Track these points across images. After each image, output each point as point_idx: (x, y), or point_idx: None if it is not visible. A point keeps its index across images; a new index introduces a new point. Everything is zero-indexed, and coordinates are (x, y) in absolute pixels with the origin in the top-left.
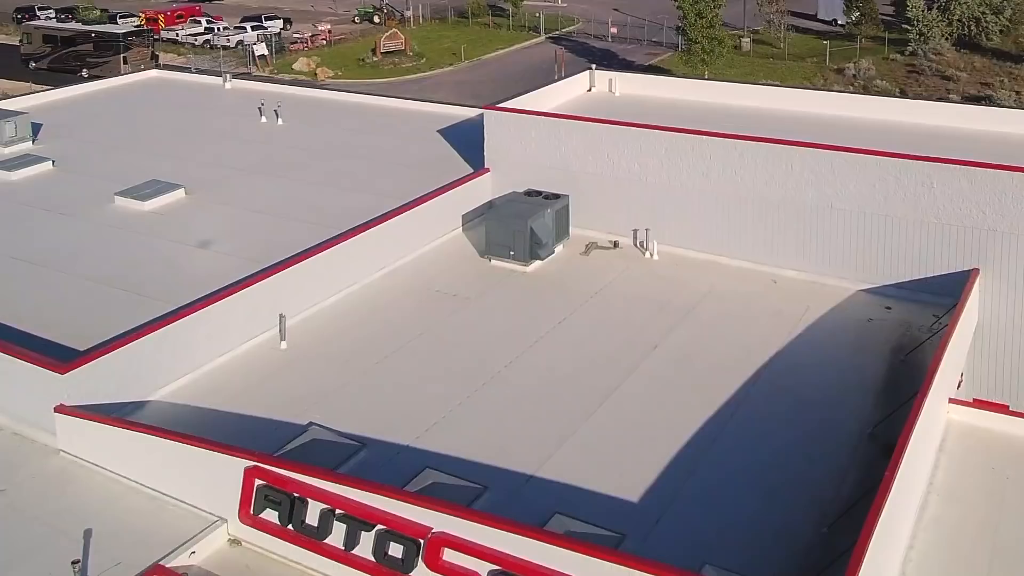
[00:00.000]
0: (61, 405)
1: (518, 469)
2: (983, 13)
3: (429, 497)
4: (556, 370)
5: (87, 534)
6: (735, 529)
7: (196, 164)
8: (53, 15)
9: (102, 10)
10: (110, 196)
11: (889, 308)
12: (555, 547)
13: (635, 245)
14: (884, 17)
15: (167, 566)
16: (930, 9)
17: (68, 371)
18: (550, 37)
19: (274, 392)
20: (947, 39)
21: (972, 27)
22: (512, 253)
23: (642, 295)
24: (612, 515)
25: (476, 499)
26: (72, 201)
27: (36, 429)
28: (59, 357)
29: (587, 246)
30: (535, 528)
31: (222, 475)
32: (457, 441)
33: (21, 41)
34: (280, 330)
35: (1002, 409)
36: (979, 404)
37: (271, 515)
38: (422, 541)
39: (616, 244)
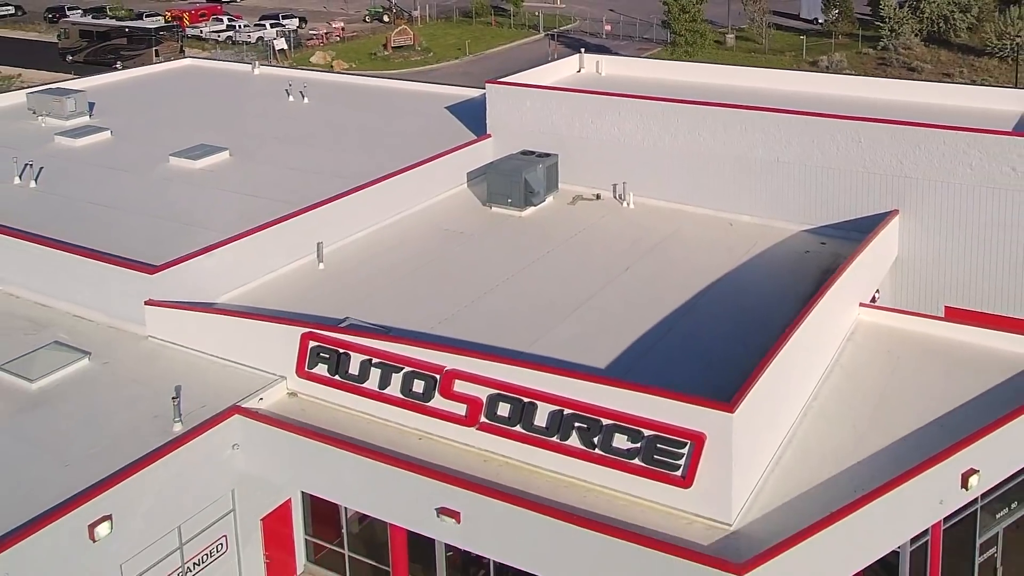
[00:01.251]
0: (150, 299)
1: (513, 347)
2: (951, 11)
3: (443, 344)
4: (544, 284)
5: (177, 389)
6: (677, 383)
7: (235, 134)
8: (81, 14)
9: (128, 10)
10: (165, 157)
11: (824, 243)
12: (538, 372)
13: (614, 197)
14: (862, 16)
15: (240, 408)
16: (902, 7)
17: (156, 272)
18: (548, 34)
19: (315, 297)
20: (917, 35)
21: (941, 24)
22: (510, 200)
23: (618, 234)
24: None
25: None
26: (132, 161)
27: (127, 322)
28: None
29: (574, 198)
30: (524, 360)
31: (282, 342)
32: (465, 329)
33: (59, 36)
34: (318, 254)
35: (901, 310)
36: (884, 307)
37: (321, 369)
38: (438, 377)
39: (598, 196)
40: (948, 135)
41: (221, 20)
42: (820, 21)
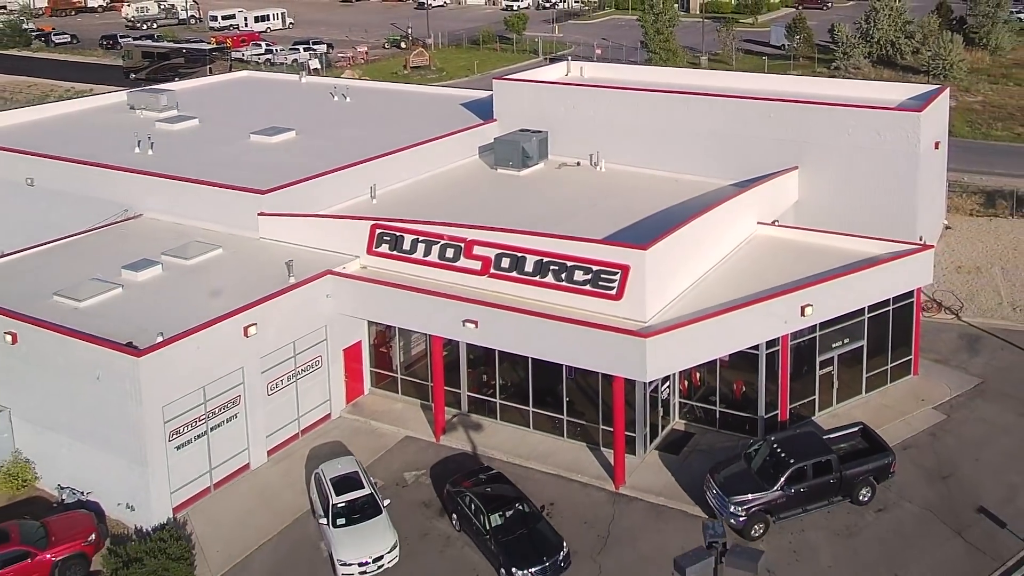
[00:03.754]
0: (262, 211)
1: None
2: (898, 37)
3: (465, 224)
4: (535, 212)
5: (288, 263)
6: None
7: (296, 121)
8: (133, 39)
9: (175, 37)
10: (246, 135)
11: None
12: (527, 235)
13: (590, 163)
14: (823, 43)
15: (332, 270)
16: (856, 35)
17: (266, 193)
18: (546, 58)
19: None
20: (868, 57)
21: (889, 48)
22: (511, 163)
23: (591, 186)
24: None
25: None
26: (221, 139)
27: (243, 229)
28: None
29: (560, 164)
30: (520, 229)
31: (356, 232)
32: None
33: (122, 57)
34: (371, 193)
35: (784, 225)
36: (772, 224)
37: (383, 248)
38: (462, 245)
39: (578, 163)
40: (833, 110)
41: (260, 45)
42: (785, 46)
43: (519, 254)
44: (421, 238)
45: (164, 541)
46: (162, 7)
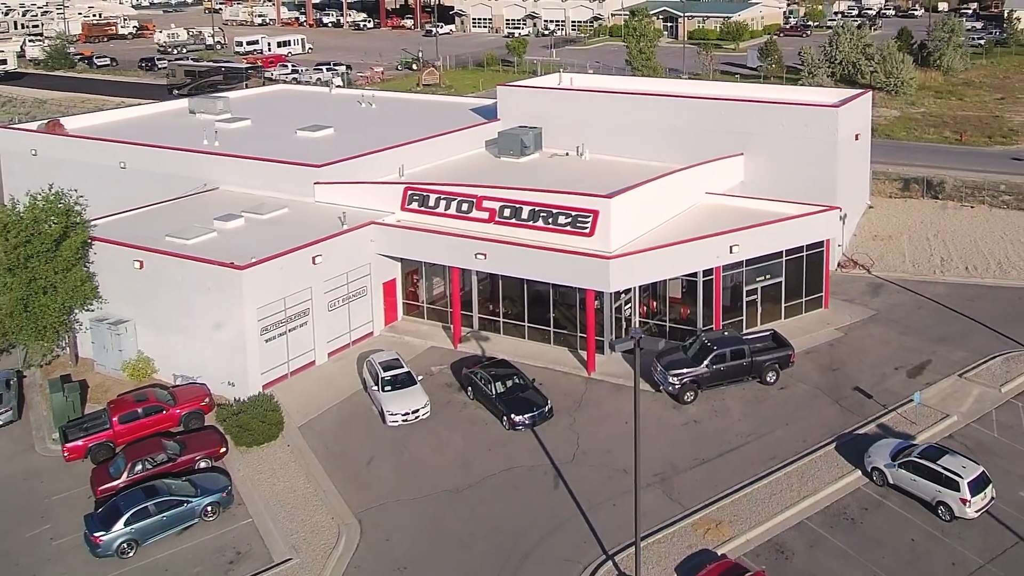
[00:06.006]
0: (318, 180)
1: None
2: (858, 58)
3: (476, 184)
4: (534, 180)
5: (341, 216)
6: None
7: (332, 122)
8: (171, 58)
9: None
10: (293, 132)
11: None
12: (521, 191)
13: (576, 154)
14: (793, 65)
15: (374, 221)
16: (821, 57)
17: (321, 167)
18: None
19: None
20: (831, 77)
21: (850, 68)
22: (511, 152)
23: (577, 168)
24: None
25: None
26: (272, 134)
27: (302, 196)
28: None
29: (551, 155)
30: (522, 187)
31: (392, 193)
32: None
33: (167, 75)
34: (400, 171)
35: (725, 193)
36: (716, 193)
37: (413, 205)
38: (474, 200)
39: (567, 153)
40: (770, 107)
41: (287, 66)
42: (759, 67)
43: (517, 205)
44: (442, 196)
45: (260, 400)
46: (191, 33)
